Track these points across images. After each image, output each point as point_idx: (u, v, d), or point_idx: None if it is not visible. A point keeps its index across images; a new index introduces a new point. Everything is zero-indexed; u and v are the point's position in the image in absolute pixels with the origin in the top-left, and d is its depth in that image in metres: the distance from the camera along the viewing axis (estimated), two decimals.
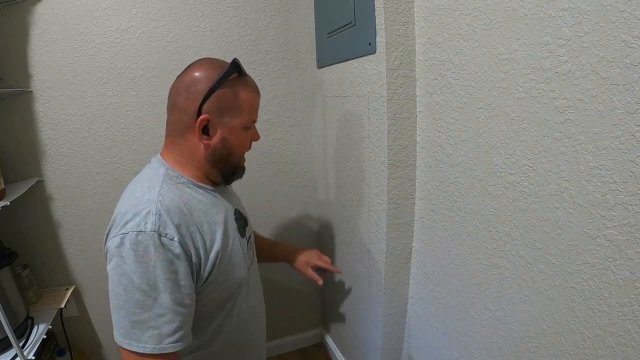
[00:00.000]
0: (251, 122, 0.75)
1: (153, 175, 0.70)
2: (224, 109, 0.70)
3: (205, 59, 0.73)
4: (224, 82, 0.69)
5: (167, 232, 0.61)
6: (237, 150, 0.75)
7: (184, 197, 0.68)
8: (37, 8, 1.12)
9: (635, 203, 0.49)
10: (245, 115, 0.72)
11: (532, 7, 0.59)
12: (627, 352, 0.52)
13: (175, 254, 0.61)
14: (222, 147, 0.72)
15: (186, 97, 0.69)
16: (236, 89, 0.70)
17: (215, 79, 0.68)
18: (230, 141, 0.73)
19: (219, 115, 0.70)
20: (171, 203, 0.64)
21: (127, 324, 0.59)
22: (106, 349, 1.45)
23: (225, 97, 0.70)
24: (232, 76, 0.70)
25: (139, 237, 0.59)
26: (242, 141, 0.75)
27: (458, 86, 0.78)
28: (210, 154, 0.72)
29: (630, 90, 0.47)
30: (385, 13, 0.86)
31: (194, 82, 0.69)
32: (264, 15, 1.35)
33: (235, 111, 0.71)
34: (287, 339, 1.73)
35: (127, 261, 0.59)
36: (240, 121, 0.72)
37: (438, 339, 0.98)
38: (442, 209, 0.89)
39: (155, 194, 0.64)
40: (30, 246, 1.26)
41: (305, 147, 1.52)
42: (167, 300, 0.59)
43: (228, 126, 0.71)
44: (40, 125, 1.20)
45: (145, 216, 0.61)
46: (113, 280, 0.61)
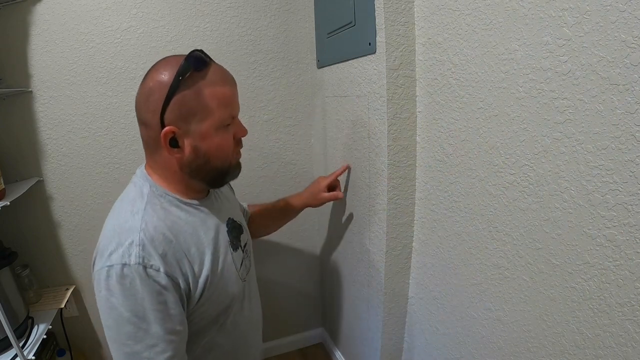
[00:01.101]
0: (227, 118, 0.65)
1: (137, 196, 0.66)
2: (187, 114, 0.62)
3: (162, 60, 0.65)
4: (180, 84, 0.60)
5: (152, 264, 0.59)
6: (217, 155, 0.66)
7: (168, 220, 0.64)
8: (37, 8, 1.12)
9: (635, 203, 0.49)
10: (216, 113, 0.63)
11: (532, 7, 0.59)
12: (627, 352, 0.52)
13: (162, 285, 0.59)
14: (197, 157, 0.65)
15: (146, 109, 0.63)
16: (196, 87, 0.61)
17: (170, 82, 0.60)
18: (205, 148, 0.65)
19: (184, 123, 0.62)
20: (155, 231, 0.61)
21: (121, 355, 0.59)
22: (106, 349, 1.45)
23: (186, 101, 0.61)
24: (188, 74, 0.61)
25: (124, 271, 0.57)
26: (220, 144, 0.66)
27: (458, 86, 0.78)
28: (185, 166, 0.66)
29: (630, 90, 0.47)
30: (385, 13, 0.86)
31: (151, 91, 0.62)
32: (264, 15, 1.35)
33: (201, 114, 0.62)
34: (287, 339, 1.73)
35: (115, 294, 0.57)
36: (211, 123, 0.63)
37: (438, 339, 0.98)
38: (442, 209, 0.89)
39: (138, 220, 0.61)
40: (30, 246, 1.26)
41: (305, 147, 1.52)
42: (158, 331, 0.58)
43: (197, 133, 0.63)
44: (40, 125, 1.20)
45: (129, 247, 0.58)
46: (103, 313, 0.59)
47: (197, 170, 0.67)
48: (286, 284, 1.64)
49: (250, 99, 1.39)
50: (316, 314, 1.76)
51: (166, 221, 0.64)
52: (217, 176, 0.70)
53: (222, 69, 0.67)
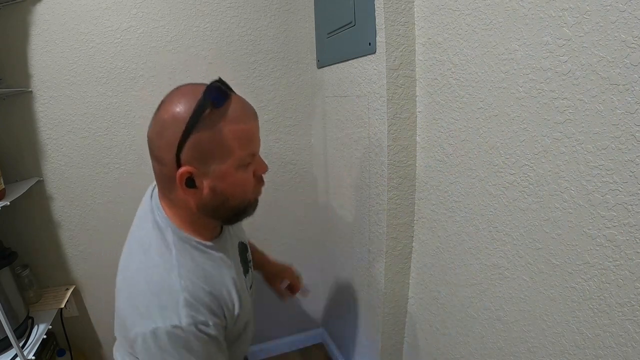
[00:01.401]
0: (248, 157, 0.61)
1: (163, 247, 0.63)
2: (206, 155, 0.58)
3: (177, 91, 0.61)
4: (197, 123, 0.56)
5: (202, 320, 0.59)
6: (236, 194, 0.63)
7: (200, 272, 0.64)
8: (37, 8, 1.12)
9: (635, 203, 0.49)
10: (237, 153, 0.59)
11: (532, 7, 0.59)
12: (627, 352, 0.52)
13: (212, 335, 0.61)
14: (215, 198, 0.62)
15: (160, 146, 0.59)
16: (216, 126, 0.57)
17: (187, 120, 0.55)
18: (223, 188, 0.61)
19: (202, 164, 0.58)
20: (194, 287, 0.60)
21: None
22: (106, 349, 1.45)
23: (204, 141, 0.57)
24: (206, 112, 0.56)
25: (177, 332, 0.57)
26: (239, 183, 0.63)
27: (458, 86, 0.78)
28: (202, 207, 0.63)
29: (630, 90, 0.47)
30: (385, 13, 0.86)
31: (165, 127, 0.58)
32: (264, 15, 1.35)
33: (221, 154, 0.58)
34: (287, 339, 1.73)
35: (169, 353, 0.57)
36: (231, 163, 0.59)
37: (438, 339, 0.98)
38: (442, 209, 0.89)
39: (175, 278, 0.60)
40: (30, 246, 1.26)
41: (305, 147, 1.52)
42: None
43: (217, 173, 0.60)
44: (40, 125, 1.20)
45: (176, 309, 0.58)
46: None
47: (214, 210, 0.64)
48: None
49: (250, 99, 1.37)
50: (316, 314, 1.76)
51: (198, 273, 0.63)
52: (233, 215, 0.68)
53: (242, 102, 0.62)
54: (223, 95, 0.58)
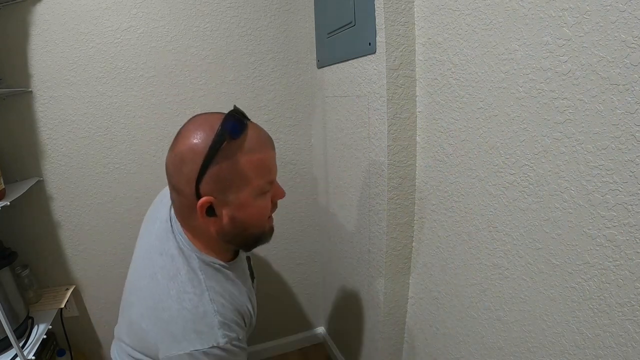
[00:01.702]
0: (266, 185, 0.64)
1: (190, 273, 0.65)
2: (224, 186, 0.60)
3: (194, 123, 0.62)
4: (215, 156, 0.57)
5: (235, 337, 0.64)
6: (255, 223, 0.66)
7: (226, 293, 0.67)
8: (37, 8, 1.12)
9: (635, 203, 0.49)
10: (254, 182, 0.61)
11: (532, 7, 0.59)
12: (627, 352, 0.52)
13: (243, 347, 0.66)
14: (234, 227, 0.64)
15: (179, 178, 0.61)
16: (234, 157, 0.58)
17: (205, 153, 0.57)
18: (242, 217, 0.63)
19: (221, 194, 0.60)
20: (224, 308, 0.65)
21: None
22: (106, 349, 1.45)
23: (223, 172, 0.59)
24: (223, 144, 0.57)
25: (214, 351, 0.61)
26: (258, 211, 0.65)
27: (458, 86, 0.78)
28: (222, 234, 0.65)
29: (630, 90, 0.47)
30: (385, 13, 0.86)
31: (184, 159, 0.59)
32: (264, 15, 1.35)
33: (239, 184, 0.60)
34: (287, 339, 1.73)
35: None
36: (249, 192, 0.62)
37: (438, 339, 0.98)
38: (442, 209, 0.89)
39: (207, 301, 0.63)
40: (30, 246, 1.26)
41: (305, 147, 1.52)
42: None
43: (236, 203, 0.62)
44: (40, 125, 1.20)
45: (212, 332, 0.62)
46: None
47: (234, 237, 0.66)
48: (286, 284, 1.64)
49: (250, 99, 1.39)
50: (316, 314, 1.76)
51: (224, 295, 0.67)
52: (252, 242, 0.70)
53: (259, 131, 0.64)
54: (240, 126, 0.59)
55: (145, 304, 0.67)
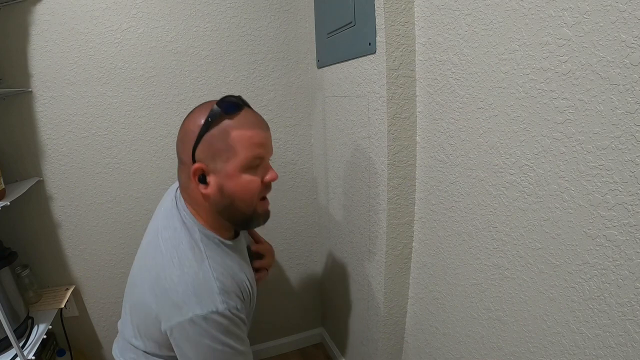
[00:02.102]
0: (252, 159, 0.67)
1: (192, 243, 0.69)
2: (214, 153, 0.66)
3: (200, 105, 0.70)
4: (211, 125, 0.65)
5: (235, 305, 0.66)
6: (241, 197, 0.68)
7: (225, 264, 0.70)
8: (37, 8, 1.12)
9: (635, 203, 0.49)
10: (241, 154, 0.66)
11: (532, 7, 0.59)
12: (627, 352, 0.52)
13: (242, 318, 0.68)
14: (222, 197, 0.68)
15: (182, 148, 0.69)
16: (224, 129, 0.65)
17: (202, 123, 0.65)
18: (229, 188, 0.67)
19: (212, 162, 0.66)
20: (224, 276, 0.67)
21: None
22: (106, 349, 1.45)
23: (214, 141, 0.65)
24: (218, 116, 0.65)
25: (214, 317, 0.63)
26: (245, 186, 0.68)
27: (458, 86, 0.78)
28: (212, 204, 0.69)
29: (630, 90, 0.47)
30: (385, 13, 0.86)
31: (187, 132, 0.68)
32: (264, 15, 1.35)
33: (227, 154, 0.65)
34: (287, 339, 1.73)
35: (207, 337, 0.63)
36: (236, 164, 0.66)
37: (438, 339, 0.98)
38: (442, 209, 0.89)
39: (207, 268, 0.66)
40: (30, 246, 1.26)
41: (305, 147, 1.52)
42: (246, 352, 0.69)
43: (223, 172, 0.66)
44: (40, 125, 1.20)
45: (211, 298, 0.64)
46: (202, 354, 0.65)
47: (224, 210, 0.70)
48: (286, 283, 1.64)
49: (250, 99, 1.37)
50: (316, 314, 1.76)
51: (224, 265, 0.70)
52: (241, 220, 0.73)
53: (255, 115, 0.70)
54: (235, 106, 0.67)
55: (149, 278, 0.69)
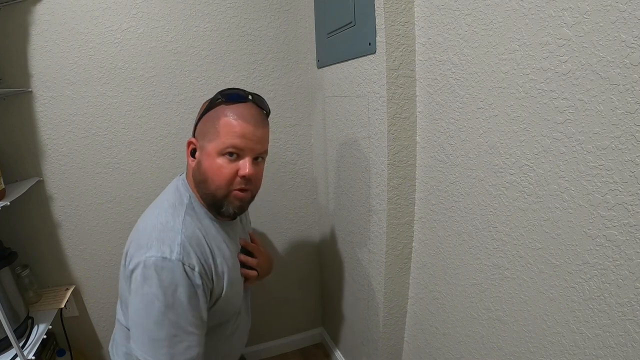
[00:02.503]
0: (228, 147, 0.69)
1: (177, 202, 0.73)
2: (204, 132, 0.72)
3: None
4: (211, 107, 0.72)
5: (190, 263, 0.66)
6: (211, 178, 0.71)
7: (203, 229, 0.72)
8: (37, 8, 1.12)
9: (635, 203, 0.49)
10: (221, 139, 0.69)
11: (532, 7, 0.59)
12: (627, 352, 0.52)
13: (195, 283, 0.66)
14: (198, 171, 0.73)
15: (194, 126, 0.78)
16: (220, 112, 0.71)
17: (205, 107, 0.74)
18: (204, 166, 0.71)
19: (201, 138, 0.73)
20: (193, 235, 0.69)
21: (145, 340, 0.63)
22: (106, 349, 1.45)
23: (207, 121, 0.72)
24: (219, 101, 0.71)
25: (164, 264, 0.63)
26: (217, 169, 0.70)
27: (458, 86, 0.78)
28: (193, 176, 0.75)
29: (630, 90, 0.47)
30: (385, 13, 0.86)
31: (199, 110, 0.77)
32: (264, 15, 1.35)
33: (211, 135, 0.71)
34: (287, 339, 1.73)
35: (151, 284, 0.63)
36: (215, 146, 0.70)
37: (438, 339, 0.98)
38: (442, 209, 0.89)
39: (179, 223, 0.69)
40: (30, 246, 1.26)
41: (305, 147, 1.52)
42: (182, 324, 0.64)
43: (205, 150, 0.71)
44: (40, 125, 1.20)
45: (171, 244, 0.65)
46: (135, 299, 0.65)
47: (199, 186, 0.74)
48: (286, 284, 1.64)
49: None
50: (316, 314, 1.76)
51: (202, 229, 0.72)
52: (211, 201, 0.74)
53: (251, 109, 0.72)
54: (236, 96, 0.72)
55: (134, 230, 0.73)
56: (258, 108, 0.74)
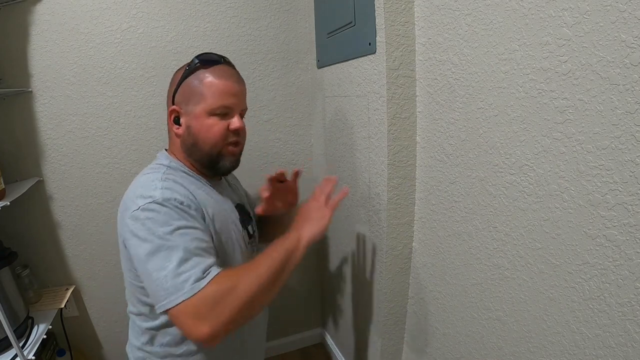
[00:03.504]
0: (219, 107, 0.72)
1: (158, 166, 0.75)
2: (187, 97, 0.73)
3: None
4: (190, 73, 0.73)
5: (177, 198, 0.65)
6: (204, 138, 0.73)
7: (186, 182, 0.72)
8: (37, 8, 1.12)
9: (635, 203, 0.49)
10: (209, 100, 0.71)
11: (532, 7, 0.59)
12: (627, 352, 0.52)
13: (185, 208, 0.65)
14: (188, 136, 0.74)
15: (168, 96, 0.77)
16: (200, 76, 0.72)
17: (182, 74, 0.74)
18: (194, 129, 0.73)
19: (185, 104, 0.73)
20: (175, 183, 0.69)
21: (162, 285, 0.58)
22: (106, 349, 1.45)
23: (189, 86, 0.73)
24: (195, 66, 0.73)
25: (151, 205, 0.63)
26: (208, 128, 0.72)
27: (458, 86, 0.78)
28: (181, 143, 0.76)
29: (630, 90, 0.47)
30: (385, 13, 0.86)
31: (172, 81, 0.77)
32: (264, 15, 1.35)
33: (197, 98, 0.72)
34: (287, 339, 1.73)
35: (146, 225, 0.62)
36: (203, 107, 0.71)
37: (438, 339, 0.98)
38: (442, 209, 0.89)
39: (159, 176, 0.69)
40: (30, 246, 1.26)
41: (305, 147, 1.52)
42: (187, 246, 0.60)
43: (192, 114, 0.72)
44: (40, 125, 1.20)
45: (153, 190, 0.65)
46: (138, 251, 0.62)
47: (189, 149, 0.75)
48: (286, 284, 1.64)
49: (250, 99, 1.38)
50: (316, 314, 1.76)
51: (184, 182, 0.71)
52: (207, 161, 0.75)
53: (229, 69, 0.75)
54: (212, 60, 0.74)
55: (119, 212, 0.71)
56: (232, 67, 0.77)
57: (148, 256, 0.60)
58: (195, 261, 0.59)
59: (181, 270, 0.58)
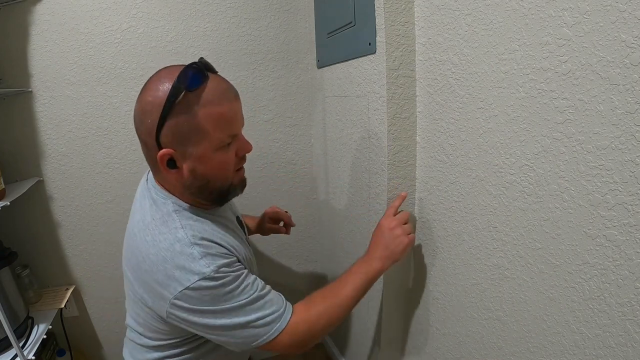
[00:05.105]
0: (225, 138, 0.62)
1: (165, 216, 0.64)
2: (182, 138, 0.59)
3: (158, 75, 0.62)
4: (172, 108, 0.57)
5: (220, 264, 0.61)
6: (217, 175, 0.65)
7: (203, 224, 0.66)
8: (37, 8, 1.12)
9: (635, 203, 0.49)
10: (213, 135, 0.60)
11: (532, 7, 0.59)
12: (627, 352, 0.52)
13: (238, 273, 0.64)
14: (196, 179, 0.63)
15: (142, 129, 0.61)
16: (191, 110, 0.58)
17: (162, 104, 0.57)
18: (203, 170, 0.62)
19: (180, 147, 0.60)
20: (204, 240, 0.62)
21: (248, 336, 0.62)
22: (106, 349, 1.45)
23: (180, 125, 0.58)
24: (180, 96, 0.57)
25: (204, 284, 0.59)
26: (219, 165, 0.64)
27: (458, 86, 0.78)
28: (186, 186, 0.64)
29: (630, 90, 0.47)
30: (385, 13, 0.86)
31: (145, 112, 0.60)
32: (264, 15, 1.35)
33: (197, 137, 0.59)
34: None
35: (206, 302, 0.60)
36: (207, 145, 0.60)
37: (438, 339, 0.98)
38: (442, 209, 0.89)
39: (183, 237, 0.61)
40: (30, 246, 1.26)
41: (305, 147, 1.52)
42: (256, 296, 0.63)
43: (195, 156, 0.61)
44: (40, 125, 1.20)
45: (195, 263, 0.59)
46: (205, 322, 0.61)
47: (199, 191, 0.66)
48: (286, 283, 1.64)
49: (250, 99, 1.39)
50: None
51: (204, 230, 0.64)
52: (218, 196, 0.69)
53: (221, 84, 0.62)
54: (198, 77, 0.58)
55: (132, 267, 0.65)
56: (219, 77, 0.63)
57: (224, 328, 0.62)
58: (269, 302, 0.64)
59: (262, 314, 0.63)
